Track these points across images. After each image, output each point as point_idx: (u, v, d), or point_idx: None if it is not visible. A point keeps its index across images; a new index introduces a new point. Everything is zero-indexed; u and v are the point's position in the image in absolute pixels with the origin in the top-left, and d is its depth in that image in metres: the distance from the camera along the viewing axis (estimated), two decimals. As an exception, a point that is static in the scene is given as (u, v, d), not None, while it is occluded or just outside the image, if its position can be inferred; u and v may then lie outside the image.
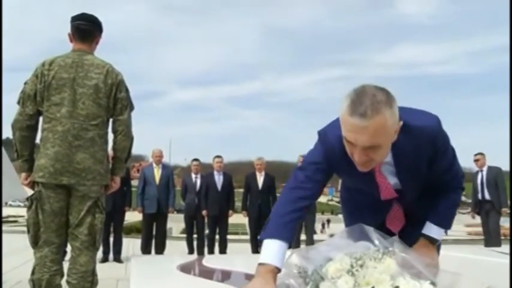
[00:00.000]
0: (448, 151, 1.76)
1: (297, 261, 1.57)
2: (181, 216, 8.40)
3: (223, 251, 7.79)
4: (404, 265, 1.46)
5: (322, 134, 1.75)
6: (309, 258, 1.57)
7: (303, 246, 7.95)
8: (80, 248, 2.71)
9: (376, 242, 1.61)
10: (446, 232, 1.95)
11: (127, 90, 2.90)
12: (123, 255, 7.54)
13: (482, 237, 13.04)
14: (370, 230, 1.63)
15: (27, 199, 2.76)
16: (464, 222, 40.62)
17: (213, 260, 2.68)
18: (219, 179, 7.89)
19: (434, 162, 1.73)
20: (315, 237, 8.66)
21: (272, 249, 1.59)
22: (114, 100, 2.81)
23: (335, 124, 1.64)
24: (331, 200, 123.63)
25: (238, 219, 8.42)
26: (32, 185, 2.75)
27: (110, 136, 2.91)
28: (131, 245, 9.09)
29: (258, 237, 2.02)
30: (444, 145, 1.72)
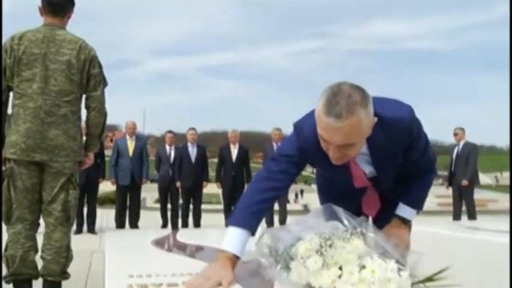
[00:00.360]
0: (421, 138, 1.81)
1: (268, 241, 1.62)
2: (156, 186, 8.40)
3: (197, 222, 7.86)
4: (372, 245, 1.52)
5: (297, 126, 1.77)
6: (279, 238, 1.62)
7: (276, 217, 8.09)
8: (54, 224, 2.72)
9: (345, 221, 1.66)
10: (418, 212, 2.00)
11: (100, 66, 2.86)
12: (97, 226, 7.55)
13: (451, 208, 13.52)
14: (339, 210, 1.68)
15: (-2, 176, 2.73)
16: (435, 194, 41.76)
17: (186, 235, 2.72)
18: (192, 151, 7.91)
19: (409, 151, 1.78)
20: (289, 207, 8.80)
21: (234, 237, 1.64)
22: (87, 76, 2.78)
23: (311, 117, 1.65)
24: (305, 170, 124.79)
25: (212, 189, 8.48)
26: (4, 161, 2.72)
27: (83, 112, 2.88)
28: (105, 216, 9.07)
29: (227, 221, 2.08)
30: (418, 133, 1.77)
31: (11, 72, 2.66)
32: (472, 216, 8.00)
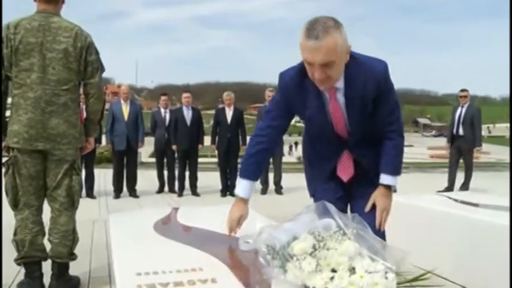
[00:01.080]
0: (391, 96, 2.07)
1: (266, 240, 1.75)
2: (150, 139, 8.45)
3: (193, 184, 8.01)
4: (361, 244, 1.64)
5: (280, 75, 2.13)
6: (276, 236, 1.75)
7: (271, 176, 8.25)
8: (60, 209, 2.84)
9: (337, 219, 1.79)
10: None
11: (97, 53, 2.90)
12: (95, 189, 7.73)
13: (444, 160, 13.68)
14: (332, 209, 1.81)
15: (3, 164, 2.82)
16: (427, 145, 41.99)
17: (186, 216, 2.85)
18: (187, 114, 7.95)
19: (378, 102, 2.04)
20: (283, 159, 9.00)
21: (243, 186, 2.24)
22: (85, 63, 2.82)
23: (291, 67, 2.09)
24: (299, 121, 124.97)
25: (206, 142, 8.53)
26: (7, 149, 2.81)
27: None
28: (102, 176, 9.21)
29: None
30: (388, 88, 2.04)
31: (9, 62, 2.70)
32: (467, 176, 8.25)
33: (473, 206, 3.59)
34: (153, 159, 9.20)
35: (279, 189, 8.35)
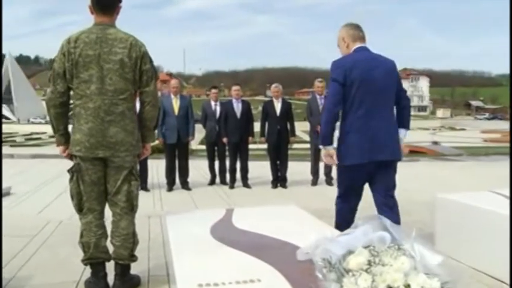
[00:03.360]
0: (400, 79, 3.71)
1: (322, 253, 1.79)
2: (199, 126, 8.48)
3: (244, 177, 8.10)
4: (418, 261, 1.65)
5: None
6: (331, 249, 1.78)
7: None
8: (120, 213, 2.98)
9: (393, 232, 1.81)
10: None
11: (151, 61, 2.99)
12: (149, 181, 7.98)
13: (499, 144, 13.28)
14: (387, 222, 1.82)
15: (68, 171, 2.98)
16: (480, 128, 40.68)
17: (241, 220, 2.92)
18: (237, 107, 8.02)
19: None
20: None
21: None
22: (140, 72, 2.92)
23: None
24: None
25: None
26: (70, 157, 2.96)
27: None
28: (154, 168, 9.42)
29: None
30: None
31: (70, 75, 2.83)
32: None
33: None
34: (203, 146, 9.32)
35: (329, 180, 8.33)
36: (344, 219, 3.50)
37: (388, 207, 3.51)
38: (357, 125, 3.36)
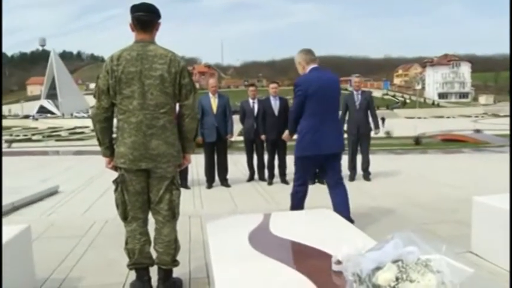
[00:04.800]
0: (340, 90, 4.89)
1: (352, 267, 1.88)
2: (235, 117, 8.64)
3: (283, 172, 8.20)
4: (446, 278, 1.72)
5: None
6: (360, 263, 1.87)
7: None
8: (163, 221, 3.14)
9: (421, 245, 1.88)
10: None
11: (189, 75, 3.12)
12: (189, 177, 8.22)
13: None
14: (417, 237, 1.90)
15: (112, 182, 3.16)
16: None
17: (279, 226, 3.03)
18: (275, 104, 8.11)
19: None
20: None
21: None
22: (179, 87, 3.05)
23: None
24: (386, 94, 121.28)
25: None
26: (115, 168, 3.14)
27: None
28: (194, 163, 9.58)
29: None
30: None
31: (114, 91, 2.99)
32: None
33: None
34: (240, 138, 9.51)
35: (367, 176, 8.35)
36: (299, 201, 4.64)
37: (338, 190, 4.67)
38: (312, 126, 4.46)
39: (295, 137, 4.80)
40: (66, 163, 12.75)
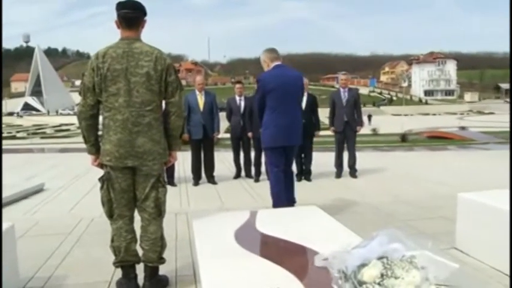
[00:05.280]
0: (304, 87, 5.52)
1: (338, 264, 1.89)
2: (222, 115, 8.55)
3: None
4: (430, 273, 1.74)
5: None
6: (346, 260, 1.88)
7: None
8: (149, 219, 3.13)
9: (407, 242, 1.90)
10: None
11: (175, 73, 3.11)
12: (176, 175, 8.19)
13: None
14: (402, 234, 1.92)
15: (98, 179, 3.14)
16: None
17: (264, 223, 3.04)
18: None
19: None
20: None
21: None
22: (165, 84, 3.04)
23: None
24: (373, 91, 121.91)
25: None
26: (101, 166, 3.12)
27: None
28: (180, 160, 9.55)
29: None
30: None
31: (100, 89, 2.97)
32: None
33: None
34: (227, 135, 9.49)
35: (353, 173, 8.39)
36: (278, 179, 5.00)
37: (287, 173, 5.12)
38: (274, 120, 4.82)
39: None
40: (52, 161, 12.64)
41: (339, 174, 8.40)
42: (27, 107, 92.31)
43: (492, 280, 3.24)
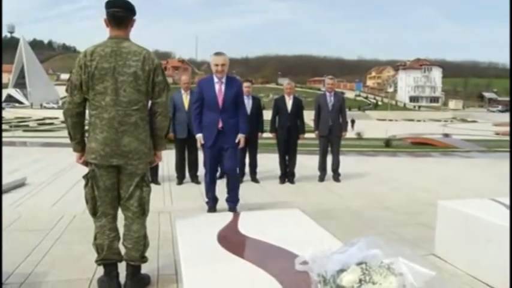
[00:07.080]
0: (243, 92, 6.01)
1: (318, 269, 1.93)
2: None
3: (253, 170, 8.28)
4: (407, 280, 1.79)
5: (199, 80, 5.82)
6: (327, 265, 1.92)
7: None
8: (132, 217, 3.14)
9: (386, 249, 1.95)
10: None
11: (163, 73, 3.13)
12: (160, 173, 8.21)
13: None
14: (381, 241, 1.96)
15: (83, 177, 3.14)
16: (493, 121, 40.44)
17: (247, 225, 3.08)
18: (248, 103, 8.08)
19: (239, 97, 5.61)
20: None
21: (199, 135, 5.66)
22: (152, 84, 3.06)
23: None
24: (359, 95, 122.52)
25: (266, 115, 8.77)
26: (86, 163, 3.13)
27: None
28: (165, 158, 9.55)
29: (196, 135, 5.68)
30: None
31: (87, 87, 2.97)
32: None
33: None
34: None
35: (337, 177, 8.46)
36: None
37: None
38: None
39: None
40: (35, 155, 12.54)
41: (322, 178, 8.46)
42: (10, 99, 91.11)
43: (466, 286, 3.31)
